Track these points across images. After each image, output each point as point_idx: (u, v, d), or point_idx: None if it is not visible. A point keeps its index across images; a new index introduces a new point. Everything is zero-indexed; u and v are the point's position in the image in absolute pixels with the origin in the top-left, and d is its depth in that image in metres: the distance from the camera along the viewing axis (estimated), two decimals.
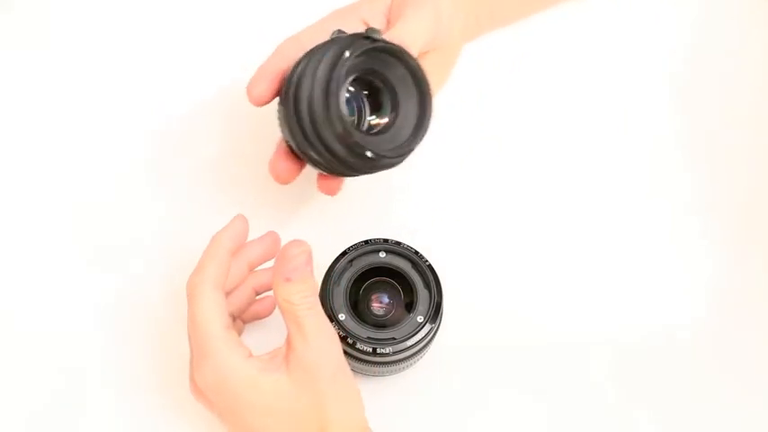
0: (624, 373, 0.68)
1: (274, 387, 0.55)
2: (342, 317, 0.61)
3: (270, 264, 0.64)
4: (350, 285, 0.63)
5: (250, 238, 0.63)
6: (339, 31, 0.61)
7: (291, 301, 0.55)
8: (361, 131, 0.62)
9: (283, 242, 0.62)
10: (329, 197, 0.72)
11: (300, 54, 0.60)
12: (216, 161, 0.74)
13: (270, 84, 0.62)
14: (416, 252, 0.63)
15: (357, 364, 0.62)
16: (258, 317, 0.66)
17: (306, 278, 0.55)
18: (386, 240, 0.63)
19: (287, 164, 0.63)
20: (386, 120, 0.62)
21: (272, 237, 0.64)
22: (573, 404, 0.67)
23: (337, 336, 0.57)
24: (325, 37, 0.61)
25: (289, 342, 0.56)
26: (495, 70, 0.76)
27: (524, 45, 0.77)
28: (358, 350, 0.60)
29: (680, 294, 0.71)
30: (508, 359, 0.68)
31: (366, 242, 0.63)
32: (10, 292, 0.69)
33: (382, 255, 0.63)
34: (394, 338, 0.61)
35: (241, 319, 0.65)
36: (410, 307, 0.62)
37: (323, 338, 0.55)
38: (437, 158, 0.74)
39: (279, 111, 0.62)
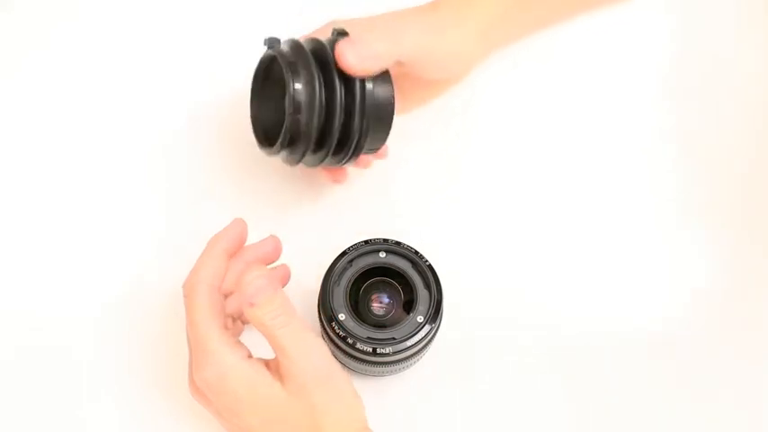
0: (625, 374, 0.68)
1: (270, 394, 0.55)
2: (342, 317, 0.61)
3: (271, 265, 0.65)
4: (350, 285, 0.62)
5: (251, 238, 0.62)
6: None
7: (263, 323, 0.55)
8: None
9: (285, 243, 0.63)
10: (329, 197, 0.72)
11: None
12: (216, 162, 0.74)
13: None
14: (416, 252, 0.63)
15: (357, 364, 0.62)
16: None
17: (270, 299, 0.55)
18: (386, 240, 0.63)
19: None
20: None
21: (273, 240, 0.63)
22: (573, 404, 0.67)
23: (321, 341, 0.57)
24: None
25: (276, 356, 0.56)
26: (492, 71, 0.76)
27: (519, 47, 0.77)
28: (358, 350, 0.60)
29: (673, 291, 0.71)
30: (508, 359, 0.68)
31: (366, 242, 0.63)
32: (10, 291, 0.69)
33: (382, 255, 0.63)
34: (394, 338, 0.61)
35: (241, 320, 0.65)
36: (410, 307, 0.62)
37: (303, 351, 0.55)
38: (437, 159, 0.74)
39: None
